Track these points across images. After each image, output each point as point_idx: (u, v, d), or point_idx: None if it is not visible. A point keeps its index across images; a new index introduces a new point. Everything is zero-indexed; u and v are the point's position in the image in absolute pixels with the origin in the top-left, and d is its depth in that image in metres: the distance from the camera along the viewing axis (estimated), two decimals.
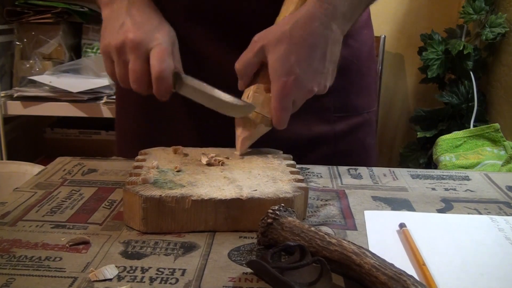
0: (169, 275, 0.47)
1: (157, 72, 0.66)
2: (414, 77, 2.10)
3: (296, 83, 0.65)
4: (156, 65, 0.66)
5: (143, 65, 0.67)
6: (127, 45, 0.67)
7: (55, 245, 0.52)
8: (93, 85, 1.65)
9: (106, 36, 0.70)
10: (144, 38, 0.68)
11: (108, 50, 0.70)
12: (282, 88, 0.64)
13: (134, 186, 0.56)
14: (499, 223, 0.59)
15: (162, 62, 0.66)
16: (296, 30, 0.65)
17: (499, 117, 1.80)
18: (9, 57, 1.78)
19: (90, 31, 1.81)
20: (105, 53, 0.70)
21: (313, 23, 0.65)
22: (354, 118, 0.85)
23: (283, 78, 0.64)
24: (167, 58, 0.67)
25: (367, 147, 0.89)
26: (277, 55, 0.64)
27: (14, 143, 1.79)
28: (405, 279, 0.42)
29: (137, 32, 0.68)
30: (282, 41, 0.64)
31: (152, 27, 0.70)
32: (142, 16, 0.71)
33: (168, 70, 0.67)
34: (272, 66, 0.65)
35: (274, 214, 0.51)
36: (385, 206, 0.63)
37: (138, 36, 0.67)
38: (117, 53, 0.68)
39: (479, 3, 1.76)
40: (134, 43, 0.67)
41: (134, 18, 0.70)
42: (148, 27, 0.70)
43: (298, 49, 0.65)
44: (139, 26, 0.69)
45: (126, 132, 0.90)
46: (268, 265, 0.45)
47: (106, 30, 0.71)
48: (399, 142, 2.19)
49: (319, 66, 0.66)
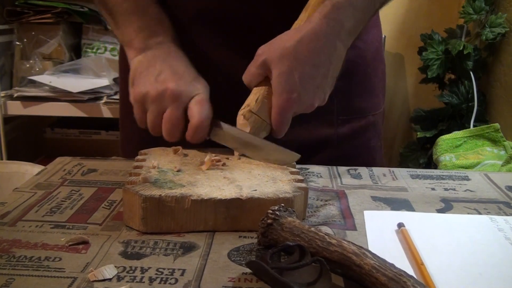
0: (168, 275, 0.47)
1: (198, 121, 0.66)
2: (414, 77, 2.10)
3: (297, 100, 0.66)
4: (197, 114, 0.66)
5: (181, 115, 0.67)
6: (166, 94, 0.67)
7: (55, 245, 0.52)
8: (93, 85, 1.65)
9: (140, 84, 0.69)
10: (185, 89, 0.68)
11: (143, 99, 0.69)
12: (283, 104, 0.66)
13: (134, 186, 0.56)
14: (499, 223, 0.59)
15: (203, 112, 0.67)
16: (300, 47, 0.65)
17: (499, 117, 1.80)
18: (9, 57, 1.78)
19: (90, 31, 1.81)
20: (138, 101, 0.70)
21: (318, 41, 0.66)
22: (359, 121, 0.85)
23: (285, 94, 0.65)
24: (208, 108, 0.68)
25: (372, 149, 0.88)
26: (280, 71, 0.65)
27: (14, 143, 1.79)
28: (405, 280, 0.42)
29: (178, 82, 0.68)
30: (286, 57, 0.65)
31: (191, 78, 0.70)
32: (180, 66, 0.71)
33: (208, 119, 0.67)
34: (275, 81, 0.65)
35: (274, 214, 0.51)
36: (385, 206, 0.63)
37: (179, 86, 0.67)
38: (154, 102, 0.68)
39: (479, 3, 1.76)
40: (175, 93, 0.67)
41: (173, 68, 0.70)
42: (187, 77, 0.70)
43: (302, 67, 0.65)
44: (180, 77, 0.69)
45: (131, 136, 0.90)
46: (267, 265, 0.45)
47: (140, 77, 0.70)
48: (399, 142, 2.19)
49: (321, 83, 0.67)
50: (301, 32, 0.66)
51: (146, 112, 0.69)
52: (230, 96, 0.69)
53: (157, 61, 0.71)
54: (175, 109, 0.67)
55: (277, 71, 0.65)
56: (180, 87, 0.67)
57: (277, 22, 0.70)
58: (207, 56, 0.77)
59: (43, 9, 1.71)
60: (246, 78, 0.68)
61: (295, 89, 0.65)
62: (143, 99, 0.69)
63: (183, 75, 0.69)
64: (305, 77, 0.65)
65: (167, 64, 0.70)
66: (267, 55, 0.65)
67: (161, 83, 0.68)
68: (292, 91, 0.65)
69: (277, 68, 0.65)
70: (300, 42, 0.65)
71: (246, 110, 0.67)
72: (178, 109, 0.67)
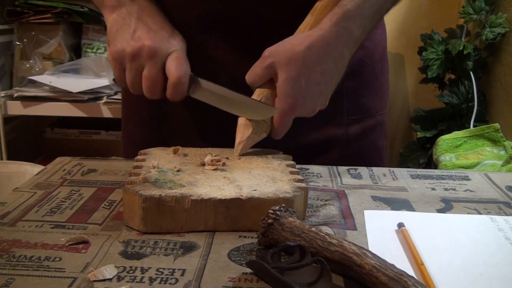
0: (168, 275, 0.47)
1: (176, 78, 0.66)
2: (414, 77, 2.10)
3: (301, 105, 0.66)
4: (175, 71, 0.67)
5: (159, 71, 0.68)
6: (143, 52, 0.67)
7: (55, 245, 0.52)
8: (93, 85, 1.65)
9: (117, 42, 0.69)
10: (161, 45, 0.68)
11: (120, 57, 0.69)
12: (287, 108, 0.66)
13: (134, 186, 0.56)
14: (499, 223, 0.59)
15: (181, 68, 0.67)
16: (309, 53, 0.65)
17: (499, 117, 1.80)
18: (9, 57, 1.78)
19: (90, 31, 1.81)
20: (116, 59, 0.70)
21: (327, 49, 0.66)
22: (367, 120, 0.85)
23: (290, 99, 0.66)
24: (185, 64, 0.68)
25: (379, 149, 0.88)
26: (287, 76, 0.65)
27: (14, 143, 1.79)
28: (405, 279, 0.42)
29: (154, 39, 0.68)
30: (294, 62, 0.65)
31: (167, 34, 0.70)
32: (155, 23, 0.71)
33: (186, 75, 0.67)
34: (281, 85, 0.66)
35: (275, 214, 0.51)
36: (385, 206, 0.63)
37: (155, 43, 0.67)
38: (132, 60, 0.68)
39: (479, 3, 1.76)
40: (152, 50, 0.67)
41: (148, 24, 0.70)
42: (163, 33, 0.69)
43: (309, 73, 0.65)
44: (155, 33, 0.69)
45: (133, 138, 0.90)
46: (268, 265, 0.45)
47: (116, 36, 0.70)
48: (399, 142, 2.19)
49: (325, 89, 0.68)
50: (311, 38, 0.66)
51: (125, 71, 0.70)
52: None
53: (132, 18, 0.70)
54: (152, 66, 0.67)
55: (284, 76, 0.65)
56: (156, 44, 0.67)
57: (282, 25, 0.71)
58: (212, 59, 0.77)
59: (43, 9, 1.71)
60: (250, 78, 0.68)
61: (300, 94, 0.66)
62: (120, 56, 0.69)
63: (158, 32, 0.69)
64: (311, 83, 0.66)
65: (142, 21, 0.70)
66: (274, 58, 0.65)
67: (137, 40, 0.68)
68: (297, 96, 0.66)
69: (285, 72, 0.65)
70: (309, 48, 0.65)
71: None
72: (155, 66, 0.67)
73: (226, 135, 0.70)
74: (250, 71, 0.68)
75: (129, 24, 0.70)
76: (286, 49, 0.66)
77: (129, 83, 0.70)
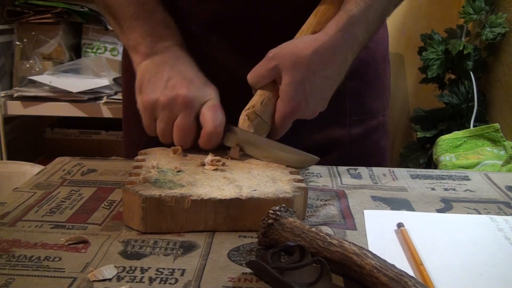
0: (168, 275, 0.47)
1: (212, 128, 0.65)
2: (414, 77, 2.10)
3: (303, 108, 0.67)
4: (211, 121, 0.65)
5: (194, 121, 0.67)
6: (178, 101, 0.66)
7: (54, 245, 0.52)
8: (93, 85, 1.65)
9: (149, 91, 0.68)
10: (196, 95, 0.66)
11: (152, 106, 0.67)
12: (289, 111, 0.66)
13: (134, 186, 0.56)
14: (499, 223, 0.59)
15: (217, 118, 0.66)
16: (315, 58, 0.65)
17: (499, 117, 1.80)
18: (9, 57, 1.78)
19: (90, 31, 1.81)
20: (147, 108, 0.68)
21: (333, 55, 0.66)
22: (370, 121, 0.85)
23: (293, 102, 0.66)
24: (221, 113, 0.67)
25: (382, 149, 0.88)
26: (291, 79, 0.65)
27: (14, 143, 1.79)
28: (406, 280, 0.42)
29: (189, 88, 0.66)
30: (299, 66, 0.65)
31: (201, 83, 0.69)
32: (189, 72, 0.70)
33: (222, 125, 0.66)
34: (284, 88, 0.65)
35: (275, 214, 0.51)
36: (385, 206, 0.63)
37: (190, 93, 0.66)
38: (165, 109, 0.66)
39: (479, 3, 1.76)
40: (187, 99, 0.66)
41: (182, 73, 0.68)
42: (198, 83, 0.68)
43: (314, 78, 0.66)
44: (190, 82, 0.67)
45: (134, 139, 0.89)
46: (268, 265, 0.45)
47: (149, 84, 0.69)
48: (399, 142, 2.19)
49: (327, 92, 0.69)
50: (318, 42, 0.66)
51: (155, 120, 0.68)
52: (234, 96, 0.69)
53: (166, 66, 0.69)
54: (187, 115, 0.66)
55: (289, 79, 0.65)
56: (191, 93, 0.66)
57: (284, 26, 0.71)
58: (216, 61, 0.77)
59: (43, 9, 1.72)
60: (252, 79, 0.68)
61: (303, 98, 0.66)
62: (152, 106, 0.67)
63: (193, 81, 0.68)
64: (314, 87, 0.66)
65: (176, 70, 0.69)
66: (280, 61, 0.65)
67: (171, 89, 0.66)
68: (301, 100, 0.66)
69: (289, 76, 0.65)
70: (315, 53, 0.65)
71: (251, 111, 0.67)
72: (190, 115, 0.66)
73: None
74: (253, 71, 0.67)
75: (162, 72, 0.68)
76: (292, 53, 0.65)
77: (160, 132, 0.68)
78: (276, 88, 0.67)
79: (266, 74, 0.66)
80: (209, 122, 0.65)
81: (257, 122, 0.67)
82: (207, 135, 0.66)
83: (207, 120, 0.66)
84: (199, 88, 0.68)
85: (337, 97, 0.71)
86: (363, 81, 0.83)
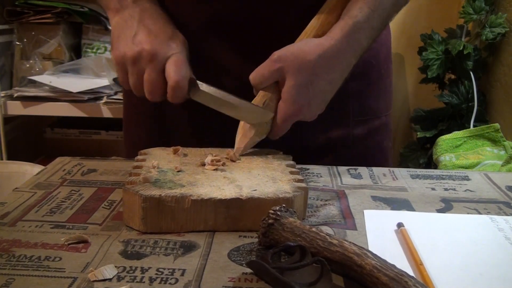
0: (168, 275, 0.47)
1: (174, 82, 0.67)
2: (414, 77, 2.10)
3: (305, 111, 0.67)
4: (173, 74, 0.67)
5: (159, 75, 0.68)
6: (143, 56, 0.67)
7: (55, 244, 0.52)
8: (93, 85, 1.65)
9: (119, 46, 0.70)
10: (160, 49, 0.68)
11: (122, 61, 0.69)
12: (291, 113, 0.67)
13: (134, 186, 0.56)
14: (499, 223, 0.59)
15: (179, 72, 0.67)
16: (320, 62, 0.66)
17: (499, 117, 1.80)
18: (9, 57, 1.78)
19: (90, 31, 1.81)
20: (118, 63, 0.70)
21: (337, 60, 0.67)
22: (373, 122, 0.85)
23: (296, 105, 0.66)
24: (184, 67, 0.68)
25: (384, 150, 0.88)
26: (295, 82, 0.65)
27: (14, 143, 1.79)
28: (406, 280, 0.42)
29: (153, 43, 0.68)
30: (304, 70, 0.65)
31: (167, 37, 0.70)
32: (156, 25, 0.71)
33: (185, 79, 0.67)
34: (288, 90, 0.66)
35: (275, 214, 0.51)
36: (385, 206, 0.63)
37: (154, 47, 0.68)
38: (133, 64, 0.68)
39: (479, 3, 1.76)
40: (151, 54, 0.67)
41: (148, 27, 0.70)
42: (163, 36, 0.70)
43: (318, 82, 0.66)
44: (155, 36, 0.69)
45: (135, 140, 0.90)
46: (268, 265, 0.45)
47: (118, 40, 0.71)
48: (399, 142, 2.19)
49: (328, 96, 0.69)
50: (323, 47, 0.66)
51: (128, 74, 0.70)
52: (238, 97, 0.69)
53: (133, 21, 0.71)
54: (152, 70, 0.68)
55: (293, 82, 0.65)
56: (155, 48, 0.68)
57: (286, 28, 0.71)
58: (216, 62, 0.77)
59: (43, 9, 1.71)
60: (255, 80, 0.68)
61: (306, 101, 0.66)
62: (122, 61, 0.69)
63: (158, 35, 0.69)
64: (317, 91, 0.67)
65: (143, 24, 0.70)
66: (284, 63, 0.65)
67: (137, 44, 0.68)
68: (303, 103, 0.66)
69: (294, 79, 0.65)
70: (320, 57, 0.66)
71: None
72: (155, 70, 0.68)
73: (227, 135, 0.70)
74: (256, 72, 0.68)
75: (130, 27, 0.70)
76: (298, 56, 0.66)
77: (131, 86, 0.71)
78: (278, 89, 0.67)
79: (270, 76, 0.66)
80: (172, 76, 0.67)
81: (258, 123, 0.68)
82: (171, 88, 0.67)
83: (170, 74, 0.67)
84: (164, 42, 0.69)
85: (340, 98, 0.71)
86: (366, 81, 0.83)
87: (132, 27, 0.70)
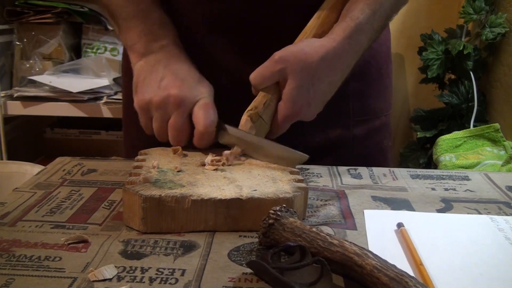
0: (168, 275, 0.47)
1: (203, 127, 0.66)
2: (414, 77, 2.10)
3: (305, 112, 0.67)
4: (202, 120, 0.66)
5: (186, 120, 0.67)
6: (170, 101, 0.67)
7: (55, 244, 0.52)
8: (93, 85, 1.65)
9: (144, 91, 0.69)
10: (188, 94, 0.67)
11: (146, 106, 0.69)
12: (291, 114, 0.67)
13: (134, 186, 0.56)
14: (499, 223, 0.59)
15: (208, 117, 0.66)
16: (322, 64, 0.66)
17: (499, 117, 1.80)
18: (9, 57, 1.78)
19: (90, 31, 1.81)
20: (142, 108, 0.69)
21: (338, 61, 0.67)
22: (373, 122, 0.85)
23: (296, 106, 0.66)
24: (213, 112, 0.67)
25: (384, 150, 0.88)
26: (297, 84, 0.65)
27: (14, 143, 1.79)
28: (406, 280, 0.42)
29: (181, 88, 0.67)
30: (306, 71, 0.65)
31: (194, 82, 0.69)
32: (182, 70, 0.70)
33: (213, 124, 0.67)
34: (289, 91, 0.66)
35: (276, 214, 0.51)
36: (385, 206, 0.63)
37: (182, 92, 0.67)
38: (158, 109, 0.67)
39: (479, 3, 1.76)
40: (178, 99, 0.66)
41: (175, 73, 0.69)
42: (190, 81, 0.69)
43: (319, 84, 0.66)
44: (181, 81, 0.68)
45: (135, 141, 0.89)
46: (268, 265, 0.45)
47: (143, 84, 0.70)
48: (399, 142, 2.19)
49: (328, 97, 0.69)
50: (325, 49, 0.66)
51: (152, 119, 0.69)
52: (234, 97, 0.69)
53: (159, 66, 0.70)
54: (179, 115, 0.67)
55: (294, 83, 0.65)
56: (183, 93, 0.67)
57: (285, 28, 0.71)
58: (217, 61, 0.77)
59: (43, 9, 1.71)
60: (256, 80, 0.68)
61: (306, 102, 0.66)
62: (147, 106, 0.69)
63: (185, 80, 0.69)
64: (318, 92, 0.67)
65: (169, 69, 0.70)
66: (286, 64, 0.65)
67: (163, 89, 0.67)
68: (303, 104, 0.66)
69: (296, 80, 0.65)
70: (322, 59, 0.66)
71: (254, 112, 0.67)
72: (182, 115, 0.67)
73: None
74: (257, 72, 0.67)
75: (156, 72, 0.69)
76: (299, 57, 0.65)
77: (156, 132, 0.69)
78: (278, 90, 0.67)
79: (271, 76, 0.66)
80: (200, 121, 0.66)
81: (259, 124, 0.68)
82: (199, 134, 0.67)
83: (198, 119, 0.66)
84: (191, 87, 0.68)
85: (340, 98, 0.71)
86: (366, 81, 0.83)
87: (158, 71, 0.69)
